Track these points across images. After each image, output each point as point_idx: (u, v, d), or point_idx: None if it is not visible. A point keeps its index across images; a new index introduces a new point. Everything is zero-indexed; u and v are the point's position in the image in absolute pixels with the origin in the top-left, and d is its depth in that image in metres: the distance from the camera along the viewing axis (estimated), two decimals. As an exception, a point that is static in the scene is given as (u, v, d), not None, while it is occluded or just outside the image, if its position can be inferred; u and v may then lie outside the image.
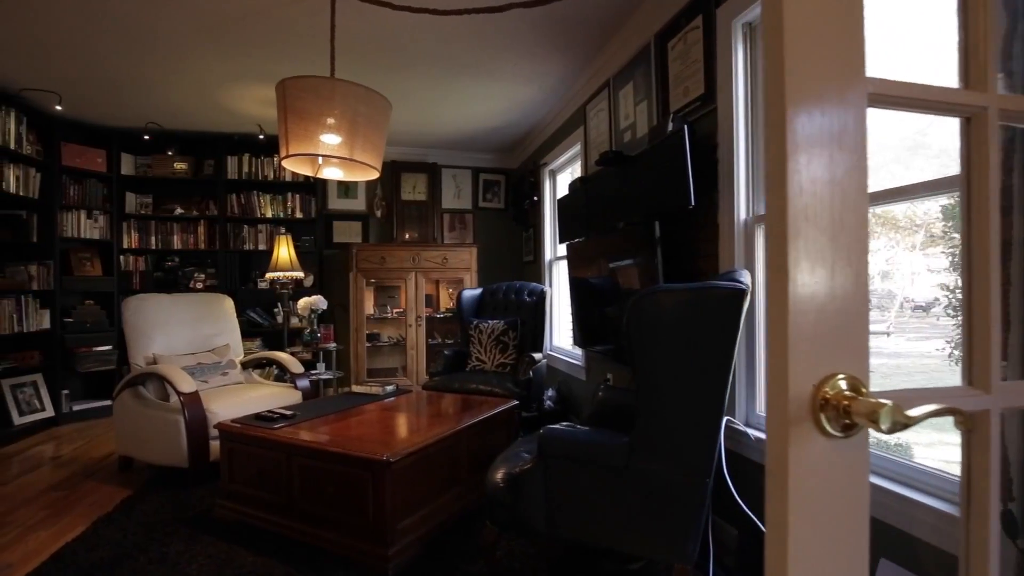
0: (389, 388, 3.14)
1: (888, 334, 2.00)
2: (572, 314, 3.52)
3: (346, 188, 5.48)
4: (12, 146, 3.94)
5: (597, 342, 3.27)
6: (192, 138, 4.92)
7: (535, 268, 5.09)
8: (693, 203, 2.15)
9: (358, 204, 5.51)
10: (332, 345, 4.51)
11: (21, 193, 4.08)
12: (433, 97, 4.08)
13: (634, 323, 1.51)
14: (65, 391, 4.45)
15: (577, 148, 3.97)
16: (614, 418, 2.20)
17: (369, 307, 5.16)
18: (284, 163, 2.47)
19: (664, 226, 2.39)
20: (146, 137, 4.73)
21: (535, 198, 4.95)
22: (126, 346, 3.35)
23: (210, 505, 2.57)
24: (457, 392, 3.36)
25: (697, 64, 2.40)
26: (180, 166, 4.91)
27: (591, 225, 3.17)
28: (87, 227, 4.60)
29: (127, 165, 4.83)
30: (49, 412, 4.29)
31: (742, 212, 2.16)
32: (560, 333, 4.72)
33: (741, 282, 1.51)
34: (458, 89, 3.92)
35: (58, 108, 4.10)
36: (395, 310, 5.20)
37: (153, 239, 4.90)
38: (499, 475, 1.76)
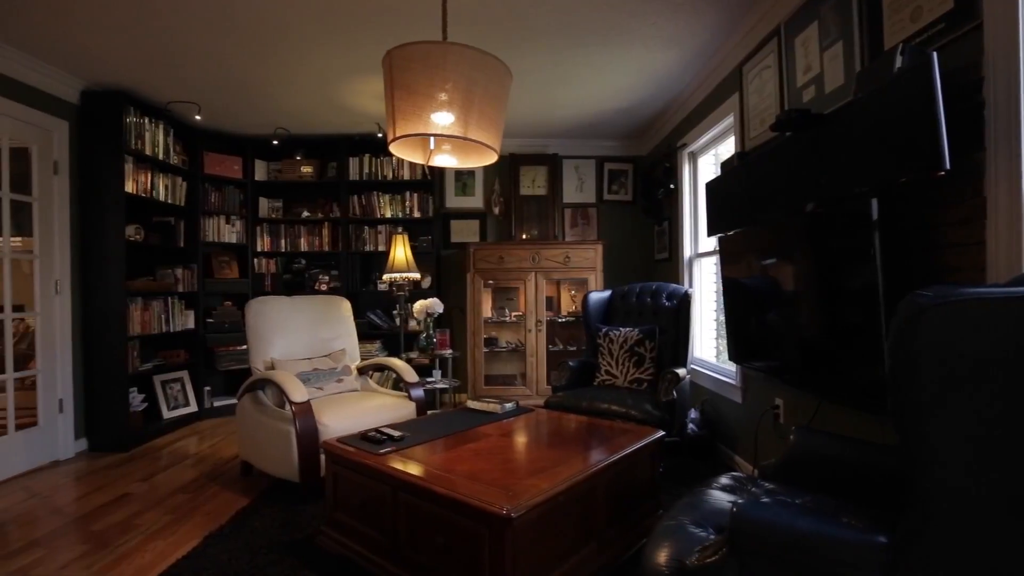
0: (508, 406, 2.74)
1: None
2: (727, 322, 2.87)
3: (463, 185, 5.23)
4: (161, 156, 4.18)
5: (756, 356, 2.60)
6: (316, 141, 4.97)
7: (670, 267, 4.43)
8: (948, 166, 1.45)
9: (475, 201, 5.24)
10: (448, 352, 4.24)
11: (170, 201, 4.33)
12: (554, 76, 3.63)
13: (907, 353, 0.91)
14: (207, 388, 4.68)
15: (729, 121, 3.28)
16: (817, 477, 1.57)
17: (487, 310, 4.85)
18: (392, 148, 2.16)
19: (882, 205, 1.70)
20: (275, 142, 4.84)
21: (671, 186, 4.29)
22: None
23: (316, 529, 2.34)
24: (585, 413, 2.87)
25: (939, -30, 1.67)
26: (306, 169, 4.98)
27: (756, 210, 2.50)
28: (226, 231, 4.81)
29: (260, 171, 5.00)
30: (193, 407, 4.52)
31: (1035, 176, 1.42)
32: (702, 343, 4.02)
33: (1126, 284, 0.85)
34: (583, 63, 3.42)
35: (197, 118, 4.29)
36: (513, 313, 4.83)
37: (283, 242, 5.03)
38: (662, 559, 1.24)
